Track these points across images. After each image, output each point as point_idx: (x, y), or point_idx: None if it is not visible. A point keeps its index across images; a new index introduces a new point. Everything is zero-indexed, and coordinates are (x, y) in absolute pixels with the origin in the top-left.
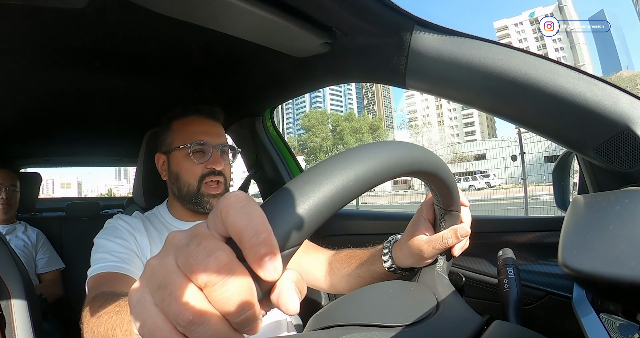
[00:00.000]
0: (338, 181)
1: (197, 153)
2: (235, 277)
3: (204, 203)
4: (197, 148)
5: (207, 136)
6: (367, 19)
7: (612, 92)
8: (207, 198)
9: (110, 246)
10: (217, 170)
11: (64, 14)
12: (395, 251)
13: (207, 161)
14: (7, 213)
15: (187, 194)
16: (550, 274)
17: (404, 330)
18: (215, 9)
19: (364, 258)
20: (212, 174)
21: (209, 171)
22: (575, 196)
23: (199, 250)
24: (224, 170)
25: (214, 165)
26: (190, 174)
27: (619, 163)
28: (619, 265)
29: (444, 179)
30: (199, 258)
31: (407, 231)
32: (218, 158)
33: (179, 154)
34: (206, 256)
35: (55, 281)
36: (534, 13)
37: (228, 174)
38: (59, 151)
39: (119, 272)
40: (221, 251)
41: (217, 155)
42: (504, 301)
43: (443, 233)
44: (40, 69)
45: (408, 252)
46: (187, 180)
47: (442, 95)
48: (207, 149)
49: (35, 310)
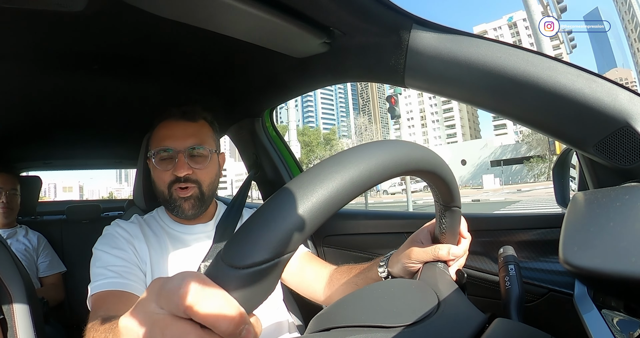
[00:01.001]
0: (337, 181)
1: (162, 161)
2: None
3: (177, 208)
4: (162, 155)
5: (173, 140)
6: (365, 19)
7: (611, 88)
8: (178, 202)
9: (108, 260)
10: (180, 177)
11: (62, 17)
12: (391, 259)
13: (173, 168)
14: (7, 217)
15: (163, 201)
16: (552, 271)
17: (405, 330)
18: (212, 10)
19: (362, 268)
20: (178, 182)
21: (174, 178)
22: (576, 193)
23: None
24: (194, 174)
25: (178, 172)
26: (160, 181)
27: (619, 159)
28: (620, 261)
29: (443, 176)
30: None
31: (407, 241)
32: (182, 164)
33: (151, 163)
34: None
35: (57, 284)
36: (512, 17)
37: (203, 175)
38: (59, 154)
39: (117, 290)
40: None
41: (183, 160)
42: (506, 298)
43: (437, 246)
44: (39, 72)
45: (401, 260)
46: (159, 187)
47: (441, 93)
48: (172, 155)
49: (37, 313)
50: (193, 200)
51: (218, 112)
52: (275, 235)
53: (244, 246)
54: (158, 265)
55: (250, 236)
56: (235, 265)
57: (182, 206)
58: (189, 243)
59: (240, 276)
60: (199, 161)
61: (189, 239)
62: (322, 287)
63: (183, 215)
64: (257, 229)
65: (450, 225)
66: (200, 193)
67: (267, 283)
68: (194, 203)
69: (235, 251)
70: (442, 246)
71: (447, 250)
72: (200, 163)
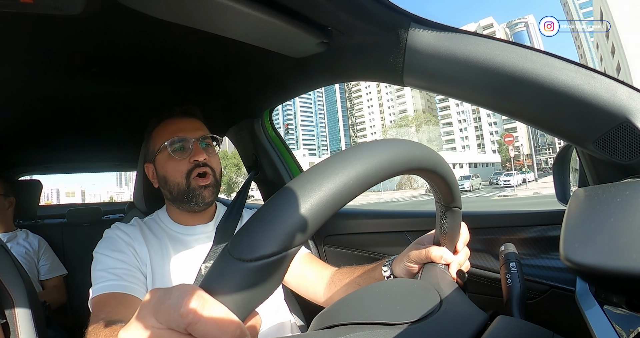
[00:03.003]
0: (342, 178)
1: (177, 151)
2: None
3: (196, 198)
4: (177, 145)
5: (184, 131)
6: (363, 18)
7: (610, 84)
8: (198, 191)
9: (108, 263)
10: (201, 161)
11: (60, 21)
12: (396, 260)
13: (190, 155)
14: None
15: (178, 194)
16: (553, 268)
17: (408, 328)
18: (210, 11)
19: (365, 269)
20: (198, 167)
21: (193, 164)
22: (576, 189)
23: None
24: (209, 161)
25: (197, 157)
26: (176, 172)
27: (619, 155)
28: (621, 257)
29: (443, 175)
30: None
31: (412, 243)
32: (199, 150)
33: (162, 156)
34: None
35: (59, 287)
36: (479, 23)
37: (216, 164)
38: (58, 157)
39: (118, 292)
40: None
41: (198, 147)
42: (507, 296)
43: (431, 247)
44: (38, 76)
45: (402, 261)
46: (174, 180)
47: (440, 92)
48: (187, 144)
49: (39, 317)
50: (212, 188)
51: (217, 114)
52: (283, 228)
53: (253, 239)
54: (159, 266)
55: (259, 229)
56: (244, 258)
57: (202, 194)
58: (189, 244)
59: (249, 269)
60: (210, 151)
61: (190, 240)
62: (323, 288)
63: (203, 203)
64: (265, 222)
65: (451, 225)
66: (215, 181)
67: (274, 278)
68: (212, 190)
69: (243, 244)
70: (434, 248)
71: (440, 253)
72: (210, 151)
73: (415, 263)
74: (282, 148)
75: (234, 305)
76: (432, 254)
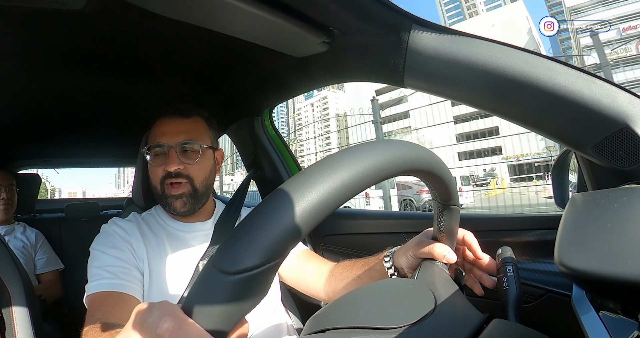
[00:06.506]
0: (330, 184)
1: (156, 156)
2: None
3: (169, 206)
4: (155, 152)
5: (165, 136)
6: (365, 18)
7: (610, 89)
8: (170, 199)
9: (105, 260)
10: (171, 172)
11: (62, 16)
12: (398, 252)
13: (165, 164)
14: (7, 213)
15: (157, 197)
16: (550, 272)
17: (401, 333)
18: (213, 9)
19: (365, 263)
20: (169, 177)
21: (166, 173)
22: (574, 194)
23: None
24: (186, 169)
25: (168, 167)
26: (154, 177)
27: (618, 160)
28: (617, 263)
29: (440, 175)
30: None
31: (417, 235)
32: (174, 158)
33: (146, 159)
34: None
35: (55, 281)
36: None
37: (195, 172)
38: (58, 152)
39: (114, 291)
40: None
41: (173, 156)
42: (504, 299)
43: (435, 244)
44: (38, 70)
45: (405, 254)
46: (153, 183)
47: (440, 94)
48: (165, 151)
49: (36, 312)
50: (185, 198)
51: (217, 112)
52: (265, 240)
53: (234, 252)
54: (156, 263)
55: (240, 242)
56: (227, 270)
57: (173, 204)
58: (187, 242)
59: (231, 282)
60: (191, 157)
61: (187, 237)
62: (322, 283)
63: (175, 212)
64: (247, 235)
65: (448, 223)
66: (193, 190)
67: (258, 289)
68: (185, 200)
69: (225, 257)
70: (438, 246)
71: (444, 253)
72: (191, 158)
73: (416, 257)
74: (282, 147)
75: (217, 319)
76: (435, 252)
